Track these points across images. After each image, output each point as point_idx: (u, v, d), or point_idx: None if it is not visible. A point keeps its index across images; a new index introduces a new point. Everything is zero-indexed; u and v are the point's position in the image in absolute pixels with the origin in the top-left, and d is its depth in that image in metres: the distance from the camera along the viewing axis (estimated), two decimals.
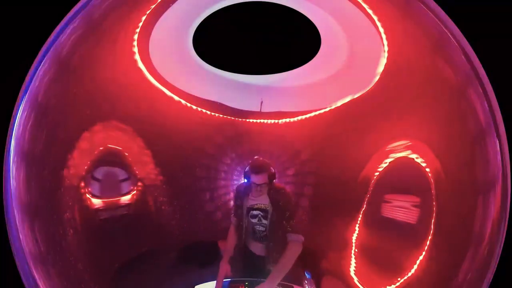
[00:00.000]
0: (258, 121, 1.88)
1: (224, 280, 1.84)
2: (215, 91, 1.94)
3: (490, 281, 1.67)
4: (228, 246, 1.86)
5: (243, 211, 1.84)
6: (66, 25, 1.68)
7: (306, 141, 1.89)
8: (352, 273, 1.81)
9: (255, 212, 1.83)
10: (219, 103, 1.90)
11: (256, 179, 1.78)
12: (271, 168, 1.80)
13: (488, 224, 1.63)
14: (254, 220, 1.84)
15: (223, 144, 1.89)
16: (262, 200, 1.83)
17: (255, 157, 1.82)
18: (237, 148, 1.88)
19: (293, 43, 2.10)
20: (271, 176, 1.80)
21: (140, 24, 1.74)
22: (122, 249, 1.80)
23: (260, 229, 1.85)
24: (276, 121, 1.88)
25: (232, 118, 1.88)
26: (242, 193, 1.84)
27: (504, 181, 1.64)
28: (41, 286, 1.63)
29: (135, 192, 1.78)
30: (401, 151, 1.74)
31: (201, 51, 1.95)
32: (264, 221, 1.84)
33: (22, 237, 1.60)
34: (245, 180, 1.82)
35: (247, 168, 1.81)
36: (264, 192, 1.81)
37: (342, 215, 1.84)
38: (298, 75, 1.98)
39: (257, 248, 1.87)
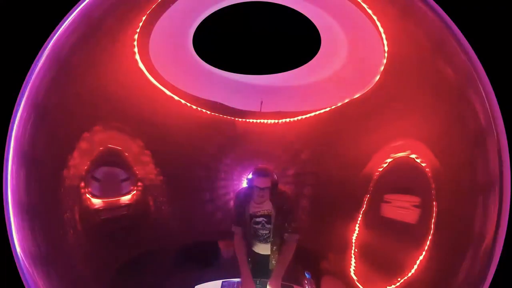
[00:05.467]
0: (258, 121, 1.88)
1: (231, 280, 1.84)
2: (215, 91, 1.94)
3: (490, 281, 1.67)
4: (242, 258, 1.85)
5: (246, 218, 1.85)
6: (66, 25, 1.68)
7: (306, 141, 1.89)
8: (352, 273, 1.81)
9: (258, 219, 1.85)
10: (219, 103, 1.90)
11: (259, 182, 1.78)
12: (274, 174, 1.82)
13: (488, 224, 1.62)
14: (258, 226, 1.85)
15: (223, 144, 1.89)
16: (265, 206, 1.84)
17: (259, 165, 1.84)
18: (237, 148, 1.88)
19: (293, 43, 2.10)
20: (274, 182, 1.81)
21: (140, 24, 1.74)
22: (122, 249, 1.80)
23: (264, 232, 1.86)
24: (276, 121, 1.88)
25: (232, 118, 1.88)
26: (243, 199, 1.84)
27: (503, 181, 1.64)
28: (41, 286, 1.63)
29: (135, 192, 1.78)
30: (401, 151, 1.74)
31: (201, 51, 1.95)
32: (267, 226, 1.85)
33: (22, 237, 1.60)
34: (246, 186, 1.82)
35: (249, 174, 1.82)
36: (266, 197, 1.82)
37: (342, 215, 1.84)
38: (298, 75, 1.98)
39: (260, 247, 1.88)
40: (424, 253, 1.67)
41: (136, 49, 1.75)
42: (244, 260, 1.84)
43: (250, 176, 1.82)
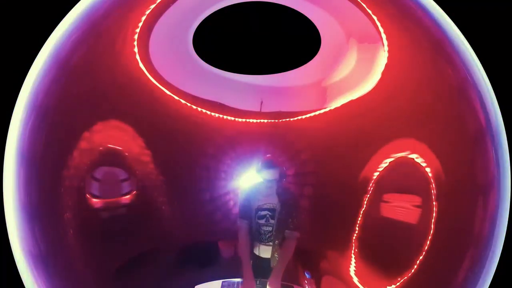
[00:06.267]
0: (258, 121, 1.88)
1: (231, 280, 1.84)
2: (215, 91, 1.94)
3: (490, 281, 1.67)
4: (245, 254, 1.84)
5: (252, 212, 1.85)
6: (66, 25, 1.68)
7: (306, 141, 1.89)
8: (352, 273, 1.81)
9: (263, 213, 1.84)
10: (219, 103, 1.90)
11: (267, 174, 1.79)
12: (283, 166, 1.82)
13: (488, 224, 1.63)
14: (262, 221, 1.85)
15: (223, 144, 1.89)
16: (270, 200, 1.84)
17: (267, 155, 1.83)
18: (237, 148, 1.88)
19: (293, 43, 2.10)
20: (282, 174, 1.81)
21: (140, 24, 1.74)
22: (122, 249, 1.80)
23: (267, 229, 1.85)
24: (276, 121, 1.88)
25: (232, 118, 1.88)
26: (250, 193, 1.84)
27: (503, 181, 1.64)
28: (41, 286, 1.63)
29: (135, 192, 1.78)
30: (401, 151, 1.74)
31: (201, 51, 1.95)
32: (271, 221, 1.85)
33: (22, 237, 1.60)
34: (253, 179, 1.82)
35: (258, 164, 1.81)
36: (273, 190, 1.82)
37: (342, 215, 1.84)
38: (298, 75, 1.98)
39: (261, 250, 1.88)
40: (424, 253, 1.67)
41: (136, 49, 1.75)
42: (247, 258, 1.83)
43: (258, 168, 1.81)
